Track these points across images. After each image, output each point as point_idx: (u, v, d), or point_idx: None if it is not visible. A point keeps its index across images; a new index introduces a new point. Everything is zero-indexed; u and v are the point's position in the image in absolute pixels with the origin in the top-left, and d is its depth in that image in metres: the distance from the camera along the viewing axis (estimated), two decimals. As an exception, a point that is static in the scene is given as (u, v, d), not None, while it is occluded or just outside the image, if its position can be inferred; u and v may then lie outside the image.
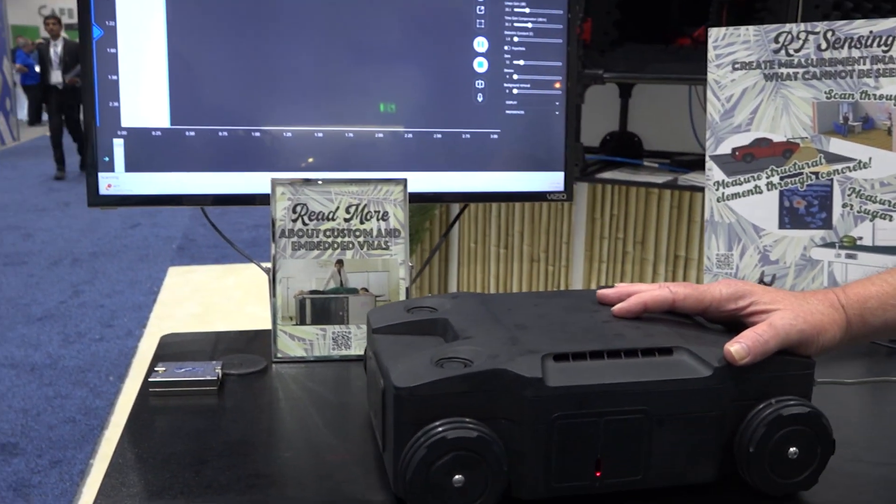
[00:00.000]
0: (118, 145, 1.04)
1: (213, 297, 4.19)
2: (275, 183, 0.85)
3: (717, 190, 1.00)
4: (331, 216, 0.85)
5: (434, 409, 0.56)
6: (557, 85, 1.16)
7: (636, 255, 2.54)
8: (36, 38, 14.70)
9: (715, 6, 2.12)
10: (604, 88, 2.67)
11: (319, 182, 0.87)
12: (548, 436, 0.57)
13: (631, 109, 2.75)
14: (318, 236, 0.85)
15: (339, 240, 0.85)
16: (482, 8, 1.13)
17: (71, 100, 8.32)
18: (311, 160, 1.06)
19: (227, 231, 1.14)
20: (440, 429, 0.55)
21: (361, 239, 0.86)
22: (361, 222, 0.85)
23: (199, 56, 1.06)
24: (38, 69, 12.28)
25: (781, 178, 0.97)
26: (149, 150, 1.05)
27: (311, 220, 0.85)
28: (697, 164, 2.36)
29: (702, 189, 2.05)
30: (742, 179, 0.98)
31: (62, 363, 3.35)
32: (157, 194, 1.06)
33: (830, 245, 0.96)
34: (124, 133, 1.04)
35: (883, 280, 0.68)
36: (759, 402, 0.61)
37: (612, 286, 0.70)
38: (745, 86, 0.98)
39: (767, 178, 0.97)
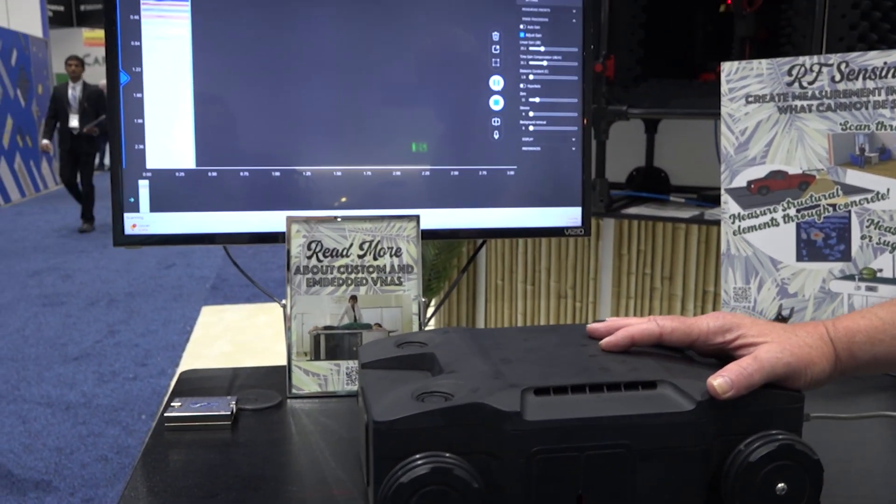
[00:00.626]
0: (143, 186, 1.07)
1: (244, 336, 4.23)
2: (290, 220, 0.87)
3: (732, 223, 0.99)
4: (345, 253, 0.87)
5: (413, 443, 0.55)
6: (572, 125, 1.17)
7: (664, 291, 2.52)
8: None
9: (738, 42, 2.12)
10: (630, 124, 2.68)
11: (338, 219, 0.88)
12: (527, 471, 0.56)
13: (657, 145, 2.75)
14: (332, 272, 0.86)
15: (352, 276, 0.86)
16: (497, 47, 1.15)
17: (88, 147, 7.85)
18: (330, 199, 1.07)
19: (258, 270, 1.16)
20: (417, 463, 0.54)
21: (375, 275, 0.87)
22: (375, 258, 0.87)
23: (223, 99, 1.09)
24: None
25: (798, 211, 0.96)
26: (173, 191, 1.07)
27: (325, 256, 0.87)
28: (724, 198, 2.35)
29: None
30: (758, 212, 0.98)
31: (96, 402, 3.40)
32: (180, 233, 1.08)
33: (850, 277, 0.94)
34: (149, 174, 1.07)
35: (873, 314, 0.66)
36: (747, 436, 0.60)
37: (603, 320, 0.70)
38: (760, 119, 0.98)
39: (784, 210, 0.97)
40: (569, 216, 1.19)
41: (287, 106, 1.10)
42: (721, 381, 0.59)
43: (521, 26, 1.15)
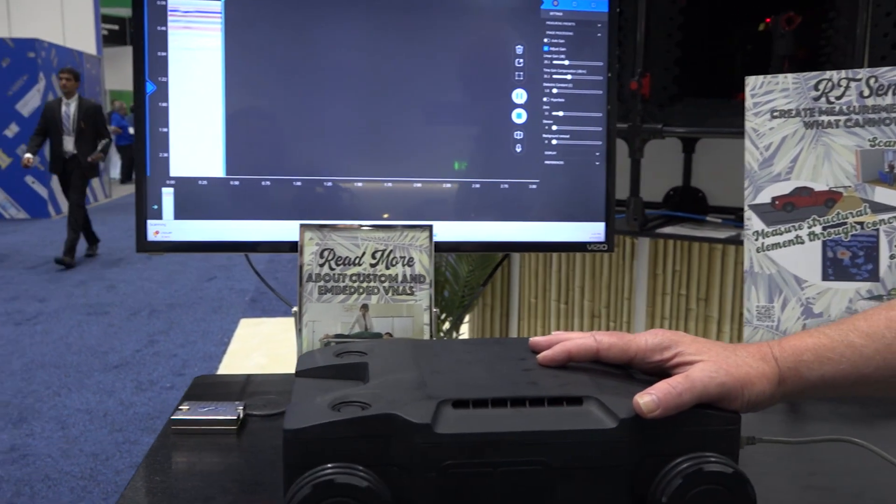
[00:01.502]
0: (167, 194, 1.08)
1: (280, 348, 4.26)
2: (303, 228, 0.87)
3: (756, 240, 0.97)
4: (357, 261, 0.87)
5: (323, 454, 0.54)
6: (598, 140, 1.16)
7: (699, 313, 2.47)
8: (131, 102, 15.54)
9: (776, 60, 2.09)
10: (667, 143, 2.65)
11: (348, 227, 0.89)
12: (439, 485, 0.54)
13: (695, 164, 2.72)
14: (344, 281, 0.86)
15: (364, 284, 0.86)
16: (521, 60, 1.14)
17: (90, 173, 6.83)
18: (352, 210, 1.08)
19: (292, 280, 1.16)
20: (319, 474, 0.53)
21: (387, 284, 0.87)
22: (387, 267, 0.86)
23: (254, 109, 1.10)
24: (131, 131, 12.94)
25: (824, 228, 0.94)
26: (196, 199, 1.09)
27: (337, 264, 0.87)
28: (762, 219, 2.30)
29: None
30: (783, 229, 0.96)
31: (133, 410, 3.45)
32: (201, 241, 1.09)
33: (878, 298, 0.92)
34: (172, 182, 1.08)
35: (821, 332, 0.63)
36: (675, 457, 0.57)
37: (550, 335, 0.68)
38: (785, 134, 0.96)
39: (809, 227, 0.94)
40: (592, 231, 1.18)
41: (312, 117, 1.11)
42: (648, 399, 0.57)
43: (546, 39, 1.15)
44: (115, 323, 4.89)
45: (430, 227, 0.90)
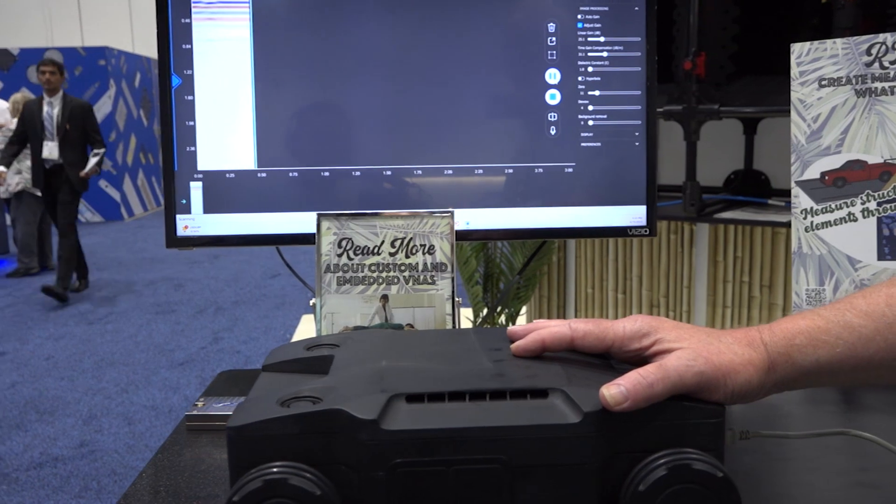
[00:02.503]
0: (195, 188, 1.07)
1: (341, 344, 4.29)
2: (320, 217, 0.85)
3: (804, 219, 0.91)
4: (376, 250, 0.84)
5: (267, 452, 0.51)
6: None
7: (763, 300, 2.38)
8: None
9: (837, 32, 1.98)
10: (727, 125, 2.56)
11: (364, 215, 0.86)
12: (388, 485, 0.50)
13: (757, 146, 2.61)
14: (363, 271, 0.84)
15: (384, 274, 0.84)
16: (553, 39, 1.10)
17: (80, 186, 5.56)
18: (381, 198, 1.05)
19: None
20: (260, 474, 0.50)
21: (407, 273, 0.83)
22: (407, 256, 0.83)
23: (283, 100, 1.08)
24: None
25: (879, 204, 0.87)
26: (225, 192, 1.08)
27: (356, 254, 0.84)
28: (828, 200, 2.20)
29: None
30: (833, 206, 0.89)
31: (197, 406, 3.51)
32: (231, 234, 1.08)
33: (940, 278, 0.84)
34: (200, 176, 1.07)
35: (816, 314, 0.57)
36: (649, 455, 0.52)
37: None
38: (834, 104, 0.89)
39: (863, 203, 0.87)
40: (633, 215, 1.12)
41: (341, 106, 1.08)
42: (615, 390, 0.52)
43: (579, 16, 1.10)
44: (181, 321, 5.00)
45: (451, 213, 0.86)
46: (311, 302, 0.86)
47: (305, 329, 4.70)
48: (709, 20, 2.18)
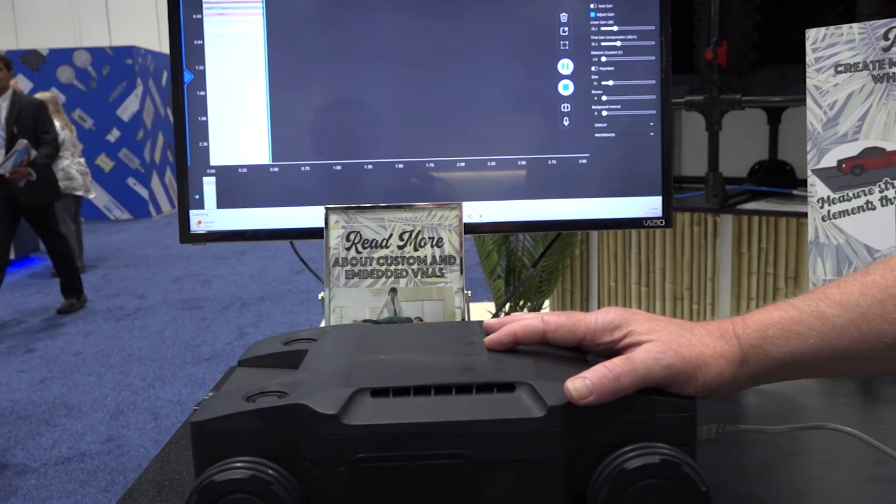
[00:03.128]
0: (208, 183, 1.08)
1: (365, 339, 4.31)
2: (328, 211, 0.85)
3: (821, 207, 0.89)
4: (384, 244, 0.84)
5: (230, 447, 0.50)
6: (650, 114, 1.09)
7: (788, 292, 2.34)
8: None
9: (861, 19, 1.94)
10: (750, 115, 2.52)
11: (372, 208, 0.85)
12: (350, 481, 0.50)
13: (781, 136, 2.57)
14: (371, 264, 0.83)
15: (392, 268, 0.83)
16: (566, 29, 1.08)
17: (34, 198, 4.92)
18: (394, 191, 1.05)
19: None
20: (221, 469, 0.49)
21: (415, 266, 0.83)
22: (415, 249, 0.83)
23: (298, 94, 1.08)
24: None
25: (898, 192, 0.85)
26: (238, 188, 1.08)
27: (364, 248, 0.84)
28: (854, 190, 2.16)
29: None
30: (851, 195, 0.87)
31: (222, 401, 3.55)
32: (244, 229, 1.08)
33: (962, 267, 0.82)
34: (213, 171, 1.07)
35: (790, 304, 0.55)
36: (617, 450, 0.51)
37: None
38: (851, 90, 0.87)
39: (881, 191, 0.85)
40: (648, 206, 1.11)
41: (352, 98, 1.08)
42: (580, 384, 0.51)
43: (592, 5, 1.08)
44: (207, 317, 5.05)
45: (460, 205, 0.86)
46: (321, 296, 0.85)
47: (330, 324, 4.73)
48: (730, 9, 2.15)
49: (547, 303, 3.14)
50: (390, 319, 0.83)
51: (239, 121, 1.07)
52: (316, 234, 1.07)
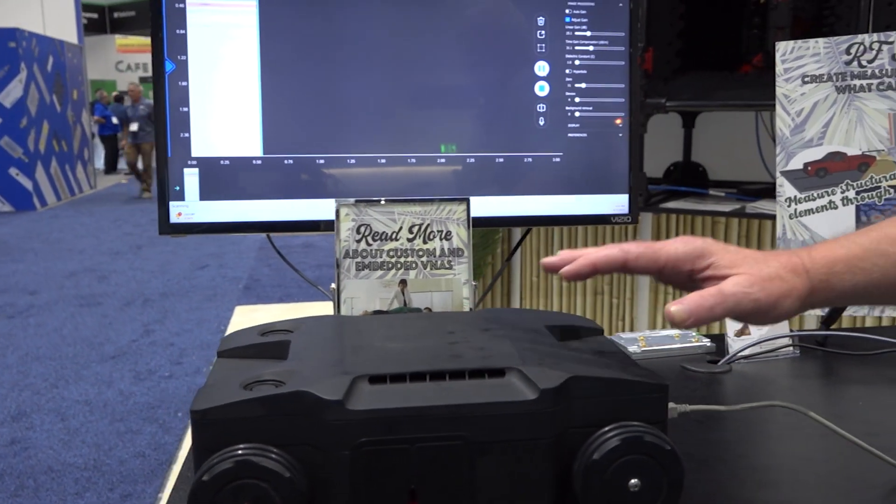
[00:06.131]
0: (189, 174, 1.06)
1: (278, 335, 4.25)
2: (339, 204, 0.86)
3: (788, 206, 0.97)
4: (394, 236, 0.86)
5: (233, 435, 0.52)
6: (618, 121, 1.15)
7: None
8: (113, 91, 15.40)
9: (771, 32, 2.09)
10: (666, 118, 2.65)
11: (382, 202, 0.87)
12: (353, 464, 0.52)
13: (695, 139, 2.71)
14: (381, 256, 0.85)
15: (402, 260, 0.85)
16: (543, 32, 1.13)
17: None
18: (376, 186, 1.07)
19: (289, 271, 1.15)
20: (227, 455, 0.51)
21: (425, 259, 0.86)
22: (424, 242, 0.85)
23: (287, 87, 1.08)
24: (114, 121, 12.81)
25: (858, 193, 0.93)
26: (217, 180, 1.07)
27: (374, 240, 0.86)
28: (766, 192, 2.31)
29: (772, 217, 1.99)
30: (815, 195, 0.95)
31: (133, 400, 3.43)
32: (225, 222, 1.08)
33: (913, 261, 0.91)
34: (194, 163, 1.06)
35: (852, 241, 0.61)
36: (600, 428, 0.55)
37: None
38: (816, 99, 0.95)
39: (843, 192, 0.94)
40: (615, 204, 1.17)
41: (337, 94, 1.09)
42: (678, 308, 0.54)
43: (567, 11, 1.14)
44: (108, 314, 4.86)
45: (468, 199, 0.89)
46: (332, 286, 0.87)
47: (240, 321, 4.63)
48: (656, 16, 2.26)
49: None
50: (400, 310, 0.85)
51: (225, 112, 1.06)
52: (298, 227, 1.08)
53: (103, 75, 17.27)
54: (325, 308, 1.09)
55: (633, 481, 0.54)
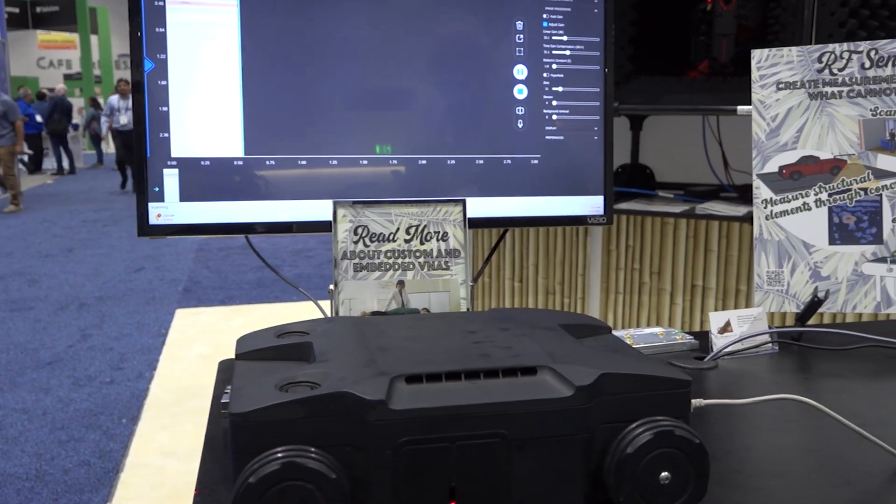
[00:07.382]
0: (169, 175, 1.05)
1: (221, 338, 4.17)
2: (336, 205, 0.86)
3: (765, 208, 1.01)
4: (391, 237, 0.86)
5: (273, 436, 0.52)
6: (596, 122, 1.17)
7: (653, 286, 2.54)
8: (36, 89, 14.84)
9: (716, 39, 2.15)
10: (615, 121, 2.71)
11: (390, 202, 0.88)
12: (394, 463, 0.53)
13: (642, 142, 2.78)
14: (379, 257, 0.86)
15: (399, 261, 0.86)
16: (521, 36, 1.15)
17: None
18: (357, 188, 1.07)
19: (230, 273, 1.14)
20: (270, 458, 0.51)
21: (422, 259, 0.86)
22: (422, 243, 0.86)
23: (270, 87, 1.07)
24: (38, 119, 12.35)
25: (830, 195, 0.98)
26: (198, 180, 1.06)
27: (372, 241, 0.86)
28: (712, 194, 2.38)
29: (718, 218, 2.06)
30: (790, 197, 0.99)
31: (73, 406, 3.32)
32: (206, 223, 1.06)
33: (882, 260, 0.96)
34: (174, 163, 1.05)
35: None
36: (630, 424, 0.57)
37: None
38: (790, 105, 0.99)
39: (816, 194, 0.98)
40: (591, 205, 1.20)
41: (316, 95, 1.09)
42: None
43: (545, 16, 1.16)
44: (41, 318, 4.70)
45: (464, 201, 0.90)
46: (329, 288, 0.86)
47: (181, 324, 4.53)
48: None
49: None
50: (398, 311, 0.85)
51: (206, 113, 1.05)
52: (280, 228, 1.07)
53: (25, 72, 16.66)
54: (309, 309, 1.08)
55: (663, 474, 0.56)
